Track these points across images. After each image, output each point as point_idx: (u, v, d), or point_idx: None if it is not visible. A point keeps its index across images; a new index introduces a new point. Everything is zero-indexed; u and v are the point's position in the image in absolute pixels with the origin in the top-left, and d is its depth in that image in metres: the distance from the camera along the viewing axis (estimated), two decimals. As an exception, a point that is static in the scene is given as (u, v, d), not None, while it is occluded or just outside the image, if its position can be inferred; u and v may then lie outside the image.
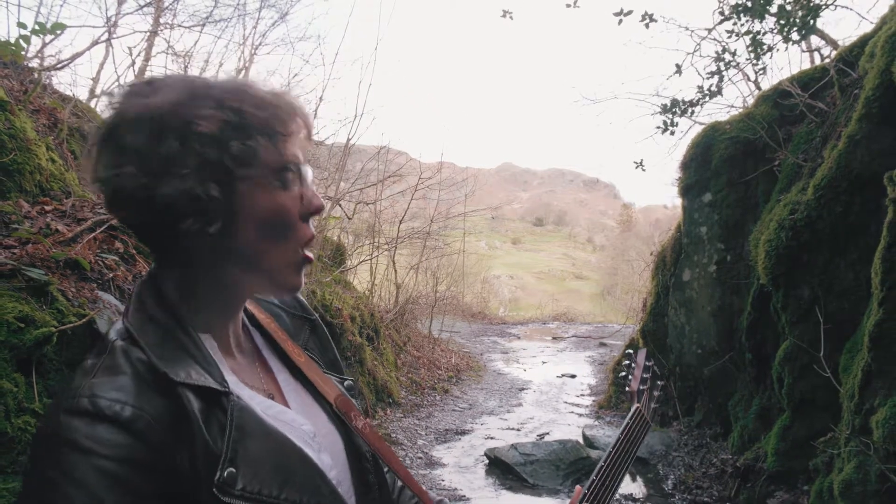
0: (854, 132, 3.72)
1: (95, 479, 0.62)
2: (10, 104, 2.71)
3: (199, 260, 0.77)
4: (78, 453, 0.63)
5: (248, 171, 0.74)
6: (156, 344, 0.72)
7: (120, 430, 0.64)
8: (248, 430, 0.72)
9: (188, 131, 0.71)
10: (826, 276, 3.86)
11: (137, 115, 0.72)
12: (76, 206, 2.69)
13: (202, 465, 0.67)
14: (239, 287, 0.82)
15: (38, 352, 1.86)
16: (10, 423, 1.71)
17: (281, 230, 0.78)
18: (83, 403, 0.65)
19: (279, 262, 0.80)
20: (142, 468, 0.65)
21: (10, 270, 1.98)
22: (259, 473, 0.71)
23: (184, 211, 0.71)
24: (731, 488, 4.29)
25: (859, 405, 3.16)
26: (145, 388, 0.68)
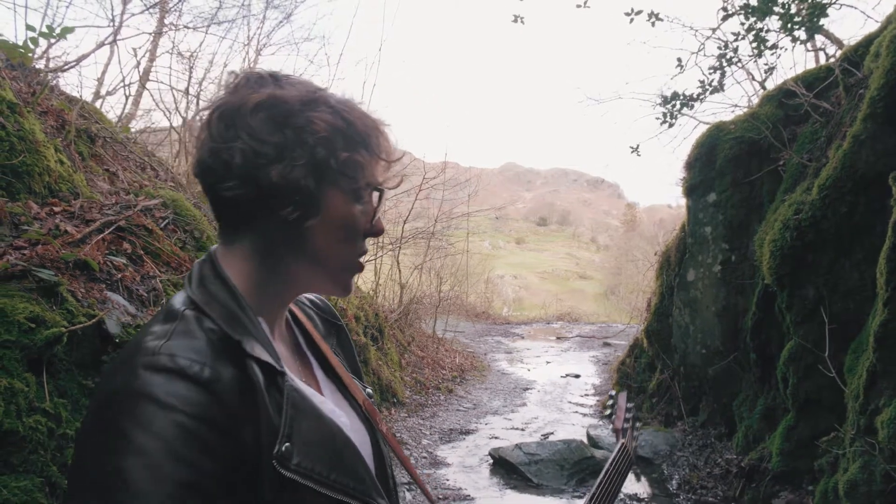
0: (859, 132, 3.71)
1: (174, 432, 0.63)
2: (18, 106, 2.73)
3: (276, 247, 0.82)
4: (156, 406, 0.64)
5: (344, 177, 0.81)
6: (222, 317, 0.75)
7: (199, 389, 0.66)
8: (301, 410, 0.76)
9: (306, 128, 0.78)
10: (831, 277, 3.86)
11: (264, 101, 0.78)
12: (84, 207, 2.71)
13: (264, 437, 0.70)
14: (300, 281, 0.86)
15: (49, 352, 1.88)
16: (22, 423, 1.73)
17: (349, 238, 0.85)
18: (163, 360, 0.67)
19: (341, 264, 0.87)
20: (217, 429, 0.66)
21: (21, 271, 2.00)
22: (311, 452, 0.74)
23: (286, 198, 0.77)
24: (735, 488, 4.29)
25: (864, 405, 3.16)
26: (220, 355, 0.71)
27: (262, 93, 0.78)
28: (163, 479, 0.61)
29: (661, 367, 6.63)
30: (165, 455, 0.62)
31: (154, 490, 0.61)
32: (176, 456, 0.62)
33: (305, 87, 0.82)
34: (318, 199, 0.79)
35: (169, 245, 2.84)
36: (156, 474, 0.61)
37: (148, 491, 0.60)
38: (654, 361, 6.94)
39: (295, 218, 0.78)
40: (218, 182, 0.78)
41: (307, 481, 0.72)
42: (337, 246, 0.84)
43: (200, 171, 0.80)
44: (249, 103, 0.77)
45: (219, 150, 0.77)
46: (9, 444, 1.71)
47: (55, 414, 1.84)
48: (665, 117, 4.94)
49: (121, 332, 2.11)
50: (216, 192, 0.80)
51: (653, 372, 7.06)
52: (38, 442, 1.77)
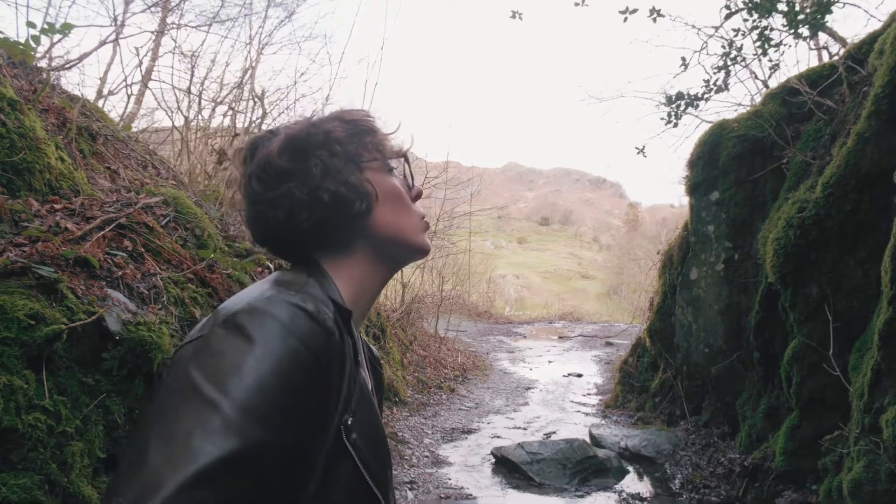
0: (863, 129, 3.69)
1: (288, 352, 0.70)
2: (19, 104, 2.72)
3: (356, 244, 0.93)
4: (283, 328, 0.72)
5: (373, 161, 0.95)
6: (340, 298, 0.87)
7: (321, 330, 0.75)
8: (364, 399, 0.83)
9: (329, 140, 0.91)
10: (835, 275, 3.84)
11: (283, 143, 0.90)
12: (85, 204, 2.70)
13: (340, 405, 0.77)
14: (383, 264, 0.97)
15: (48, 349, 1.87)
16: (21, 420, 1.72)
17: (404, 203, 0.98)
18: (297, 299, 0.76)
19: (411, 227, 0.98)
20: (320, 370, 0.73)
21: (21, 268, 1.98)
22: (364, 435, 0.81)
23: (350, 197, 0.90)
24: (739, 488, 4.27)
25: (869, 404, 3.14)
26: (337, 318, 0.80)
27: (277, 141, 0.91)
28: (268, 388, 0.67)
29: (664, 367, 6.61)
30: (277, 369, 0.69)
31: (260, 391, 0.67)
32: (284, 374, 0.69)
33: (300, 122, 0.95)
34: (368, 185, 0.92)
35: (170, 243, 2.83)
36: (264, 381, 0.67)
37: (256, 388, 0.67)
38: (657, 360, 6.92)
39: (365, 207, 0.91)
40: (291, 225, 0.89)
41: (358, 458, 0.79)
42: (401, 214, 0.97)
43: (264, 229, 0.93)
44: (274, 152, 0.90)
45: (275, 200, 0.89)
46: (8, 442, 1.70)
47: (54, 411, 1.83)
48: (669, 117, 4.92)
49: (121, 329, 2.09)
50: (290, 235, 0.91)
51: (655, 371, 7.04)
52: (38, 439, 1.75)
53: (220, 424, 0.64)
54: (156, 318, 2.29)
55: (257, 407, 0.66)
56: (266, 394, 0.67)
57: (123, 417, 2.10)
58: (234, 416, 0.64)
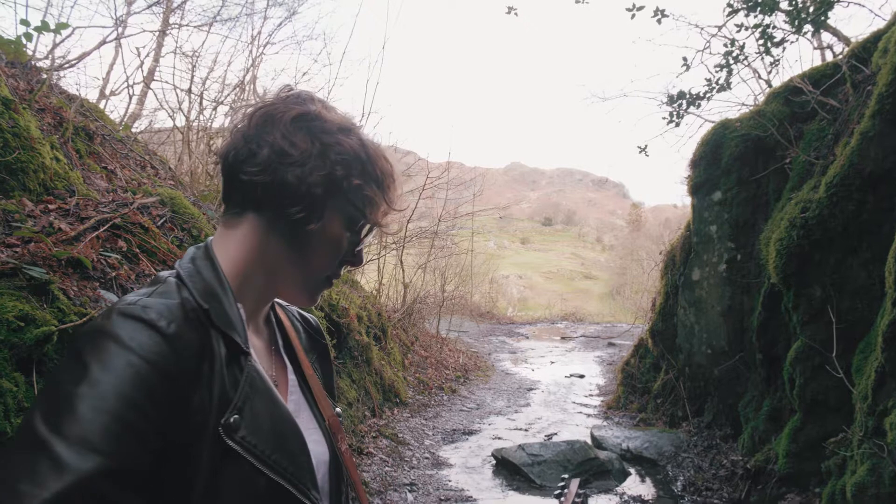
0: (867, 129, 3.66)
1: (126, 372, 0.68)
2: (14, 102, 2.70)
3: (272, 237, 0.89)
4: (119, 346, 0.69)
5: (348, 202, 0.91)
6: (201, 290, 0.81)
7: (161, 340, 0.71)
8: (257, 391, 0.81)
9: (334, 146, 0.88)
10: (838, 276, 3.80)
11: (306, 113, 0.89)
12: (80, 204, 2.68)
13: (213, 406, 0.75)
14: (280, 277, 0.93)
15: (39, 351, 1.84)
16: (10, 423, 1.69)
17: (332, 255, 0.94)
18: (136, 310, 0.73)
19: (318, 274, 0.95)
20: (168, 381, 0.70)
21: (11, 269, 1.96)
22: (259, 430, 0.79)
23: (297, 199, 0.86)
24: (741, 490, 4.24)
25: (872, 406, 3.10)
26: (189, 319, 0.76)
27: (307, 108, 0.89)
28: (105, 412, 0.65)
29: (666, 368, 6.57)
30: (114, 391, 0.66)
31: (95, 419, 0.64)
32: (123, 395, 0.67)
33: (345, 117, 0.93)
34: (322, 210, 0.88)
35: (165, 243, 2.80)
36: (100, 406, 0.65)
37: (89, 419, 0.64)
38: (659, 362, 6.88)
39: (297, 219, 0.87)
40: (240, 164, 0.86)
41: (249, 455, 0.77)
42: (317, 257, 0.93)
43: (227, 153, 0.89)
44: (293, 112, 0.88)
45: (252, 138, 0.86)
46: (-4, 446, 1.67)
47: (45, 414, 1.80)
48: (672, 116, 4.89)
49: (113, 331, 2.07)
50: (235, 173, 0.87)
51: (657, 372, 7.00)
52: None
53: (49, 466, 0.62)
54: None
55: (90, 437, 0.64)
56: (102, 420, 0.65)
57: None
58: (64, 454, 0.62)
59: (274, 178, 0.85)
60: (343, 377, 5.66)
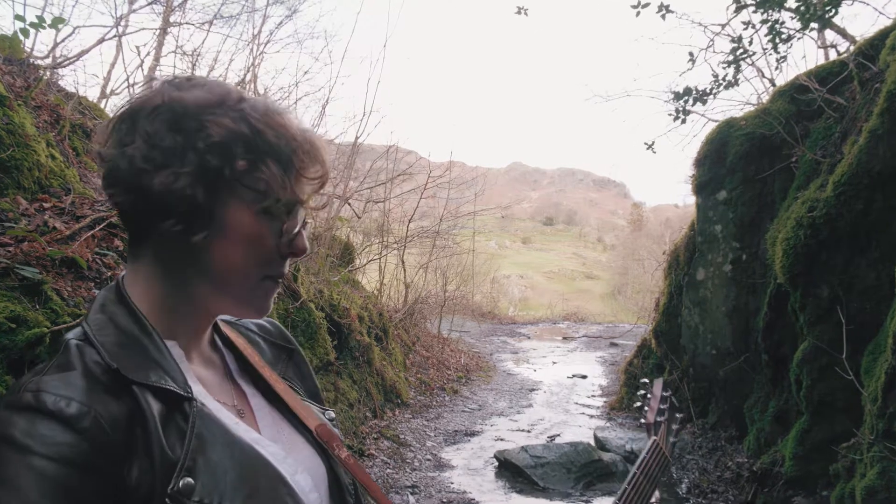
0: (875, 127, 3.60)
1: (28, 479, 0.56)
2: (9, 99, 2.66)
3: (171, 266, 0.74)
4: (13, 450, 0.57)
5: (246, 190, 0.73)
6: (114, 344, 0.68)
7: (63, 428, 0.59)
8: (210, 439, 0.68)
9: (198, 133, 0.70)
10: (846, 276, 3.74)
11: (161, 104, 0.71)
12: (76, 203, 2.63)
13: (157, 473, 0.63)
14: (207, 303, 0.78)
15: (31, 353, 1.80)
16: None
17: (256, 258, 0.76)
18: (26, 398, 0.60)
19: (248, 286, 0.77)
20: (84, 471, 0.59)
21: (3, 269, 1.91)
22: (220, 485, 0.66)
23: (168, 209, 0.69)
24: (747, 493, 4.18)
25: (882, 409, 3.05)
26: (98, 387, 0.63)
27: (163, 95, 0.71)
28: None
29: (670, 368, 6.51)
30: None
31: None
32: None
33: (215, 91, 0.73)
34: (209, 213, 0.71)
35: (163, 242, 2.76)
36: None
37: None
38: (663, 362, 6.82)
39: (179, 231, 0.70)
40: (107, 191, 0.72)
41: None
42: (241, 267, 0.75)
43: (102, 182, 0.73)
44: (149, 106, 0.71)
45: (110, 157, 0.71)
46: (-14, 451, 1.63)
47: (37, 418, 1.76)
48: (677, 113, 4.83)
49: (108, 332, 2.03)
50: (114, 203, 0.73)
51: (661, 373, 6.94)
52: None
53: None
54: (145, 321, 2.22)
55: None
56: None
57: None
58: None
59: (138, 195, 0.69)
60: (344, 378, 5.62)
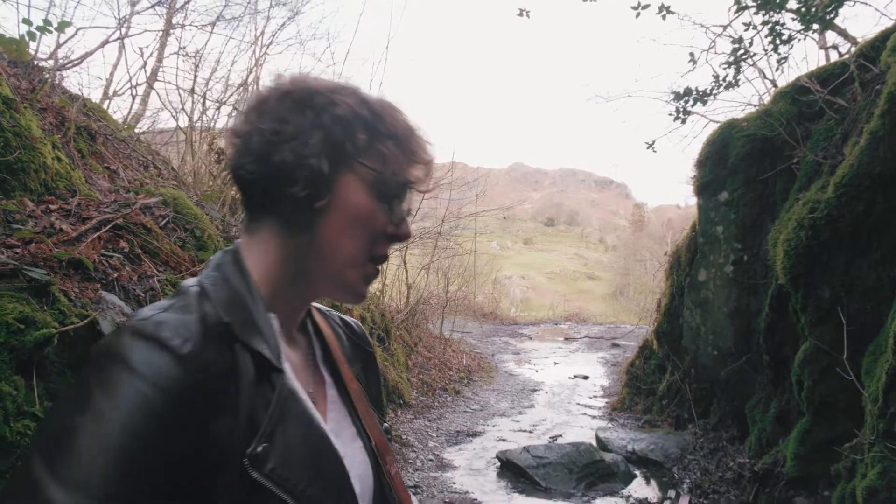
0: (877, 128, 3.61)
1: (128, 396, 0.60)
2: (15, 102, 2.67)
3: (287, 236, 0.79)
4: (126, 371, 0.61)
5: (362, 166, 0.78)
6: (226, 301, 0.72)
7: (173, 362, 0.62)
8: (290, 414, 0.72)
9: (326, 108, 0.77)
10: (847, 277, 3.75)
11: (293, 88, 0.79)
12: (82, 204, 2.65)
13: (238, 433, 0.66)
14: (313, 279, 0.82)
15: (39, 353, 1.81)
16: (10, 427, 1.66)
17: (361, 232, 0.80)
18: (148, 328, 0.64)
19: (348, 260, 0.81)
20: (178, 406, 0.62)
21: (11, 270, 1.93)
22: (291, 461, 0.69)
23: (296, 175, 0.75)
24: (749, 493, 4.19)
25: (883, 409, 3.06)
26: (209, 336, 0.67)
27: (292, 82, 0.80)
28: (108, 450, 0.57)
29: (672, 369, 6.53)
30: (120, 425, 0.58)
31: (95, 458, 0.57)
32: (131, 429, 0.58)
33: (336, 82, 0.82)
34: (329, 181, 0.77)
35: (168, 244, 2.78)
36: (103, 443, 0.58)
37: (90, 458, 0.57)
38: (665, 363, 6.84)
39: (304, 196, 0.76)
40: (237, 163, 0.78)
41: (279, 490, 0.67)
42: (346, 239, 0.79)
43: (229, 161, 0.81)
44: (281, 90, 0.79)
45: (244, 132, 0.78)
46: (-5, 450, 1.64)
47: (45, 418, 1.78)
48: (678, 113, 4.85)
49: (115, 333, 2.04)
50: (238, 175, 0.79)
51: (663, 373, 6.96)
52: (27, 447, 1.70)
53: None
54: (151, 322, 2.24)
55: (88, 481, 0.56)
56: (104, 460, 0.57)
57: (117, 424, 2.05)
58: (56, 497, 0.56)
59: (268, 163, 0.75)
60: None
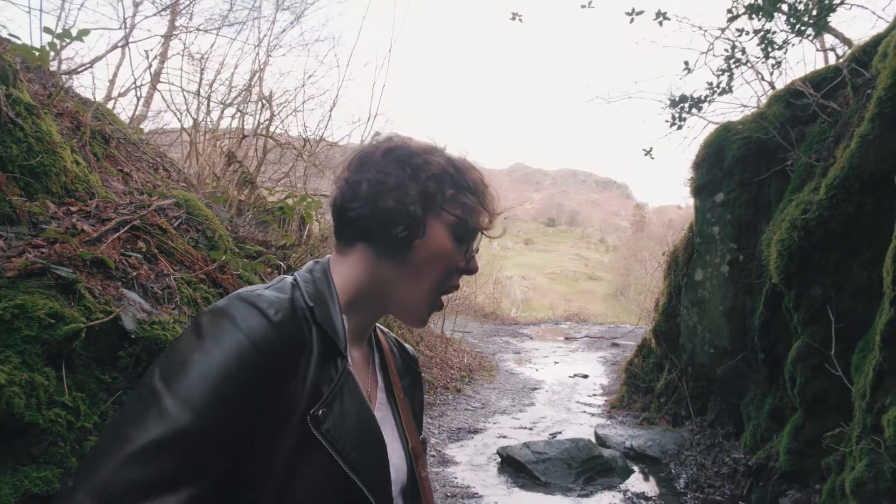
0: (867, 132, 3.72)
1: (231, 344, 0.77)
2: (36, 108, 2.79)
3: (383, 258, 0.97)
4: (231, 325, 0.78)
5: (447, 213, 0.98)
6: (312, 294, 0.91)
7: (267, 326, 0.80)
8: (348, 392, 0.88)
9: (423, 167, 0.97)
10: (838, 276, 3.86)
11: (393, 147, 0.99)
12: (100, 206, 2.76)
13: (303, 397, 0.82)
14: (392, 292, 0.99)
15: (68, 347, 1.92)
16: (42, 415, 1.78)
17: (442, 266, 0.99)
18: (252, 296, 0.83)
19: (430, 287, 1.00)
20: (266, 359, 0.78)
21: (40, 269, 2.05)
22: (342, 427, 0.85)
23: (398, 219, 0.94)
24: (743, 487, 4.31)
25: (871, 404, 3.17)
26: (295, 313, 0.85)
27: (393, 143, 1.00)
28: (209, 379, 0.74)
29: (669, 367, 6.64)
30: (220, 364, 0.75)
31: (199, 383, 0.74)
32: (226, 368, 0.75)
33: (428, 143, 1.02)
34: (423, 224, 0.95)
35: (182, 244, 2.89)
36: (206, 373, 0.75)
37: (195, 382, 0.74)
38: (662, 361, 6.95)
39: (404, 236, 0.94)
40: (347, 204, 0.97)
41: (330, 447, 0.82)
42: (428, 270, 0.98)
43: (335, 198, 1.00)
44: (382, 148, 0.99)
45: (353, 181, 0.97)
46: (30, 436, 1.76)
47: (74, 407, 1.89)
48: (674, 119, 4.96)
49: (136, 328, 2.15)
50: (344, 213, 0.98)
51: (661, 372, 7.06)
52: (58, 434, 1.81)
53: (156, 413, 0.72)
54: (170, 318, 2.35)
55: (193, 397, 0.73)
56: (204, 385, 0.74)
57: (139, 414, 2.16)
58: (170, 406, 0.72)
59: (375, 207, 0.94)
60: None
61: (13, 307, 1.84)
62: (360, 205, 0.95)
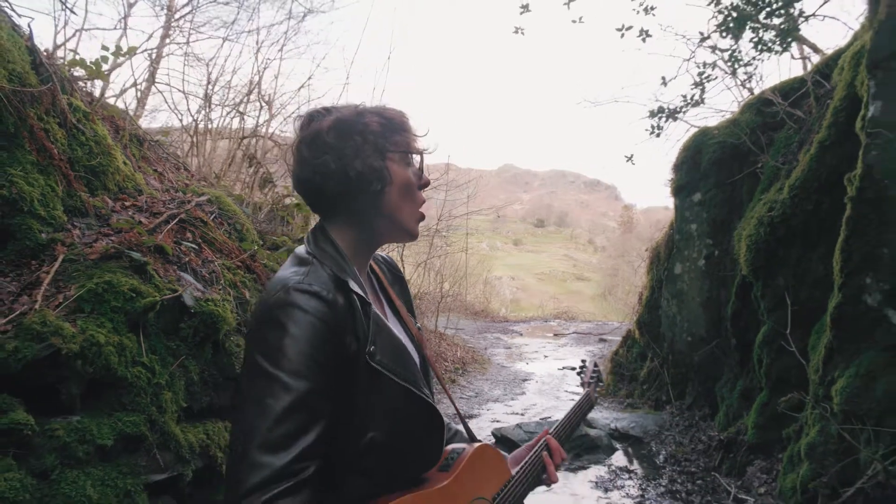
0: (824, 138, 4.16)
1: (310, 328, 1.00)
2: (91, 114, 3.17)
3: (365, 214, 1.20)
4: (301, 311, 1.01)
5: (395, 153, 1.19)
6: (335, 265, 1.12)
7: (323, 303, 1.02)
8: (381, 328, 1.13)
9: (366, 129, 1.17)
10: (799, 268, 4.30)
11: (332, 124, 1.17)
12: (148, 202, 3.15)
13: (359, 343, 1.07)
14: (382, 234, 1.24)
15: (144, 317, 2.32)
16: (129, 371, 2.17)
17: (409, 193, 1.22)
18: (303, 286, 1.03)
19: (408, 215, 1.23)
20: (332, 330, 1.02)
21: (116, 252, 2.43)
22: (386, 354, 1.11)
23: (371, 177, 1.15)
24: (715, 459, 4.75)
25: (823, 377, 3.61)
26: (335, 286, 1.07)
27: (329, 119, 1.17)
28: (303, 353, 0.99)
29: (652, 356, 7.08)
30: (305, 340, 0.99)
31: (298, 358, 0.98)
32: (311, 341, 1.00)
33: (352, 107, 1.21)
34: (387, 171, 1.16)
35: (220, 235, 3.28)
36: (300, 348, 0.99)
37: (295, 358, 0.98)
38: (645, 351, 7.39)
39: (378, 188, 1.16)
40: (322, 187, 1.16)
41: (385, 371, 1.09)
42: (404, 201, 1.21)
43: (304, 185, 1.19)
44: (324, 128, 1.16)
45: (316, 166, 1.15)
46: (120, 388, 2.15)
47: (150, 367, 2.28)
48: (653, 129, 5.40)
49: (195, 304, 2.55)
50: (322, 193, 1.17)
51: (644, 361, 7.51)
52: (140, 388, 2.21)
53: (280, 387, 0.96)
54: (219, 297, 2.75)
55: (299, 369, 0.97)
56: (301, 359, 0.97)
57: (198, 376, 2.55)
58: (287, 380, 0.96)
59: (348, 177, 1.13)
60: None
61: (103, 283, 2.23)
62: (336, 181, 1.14)
